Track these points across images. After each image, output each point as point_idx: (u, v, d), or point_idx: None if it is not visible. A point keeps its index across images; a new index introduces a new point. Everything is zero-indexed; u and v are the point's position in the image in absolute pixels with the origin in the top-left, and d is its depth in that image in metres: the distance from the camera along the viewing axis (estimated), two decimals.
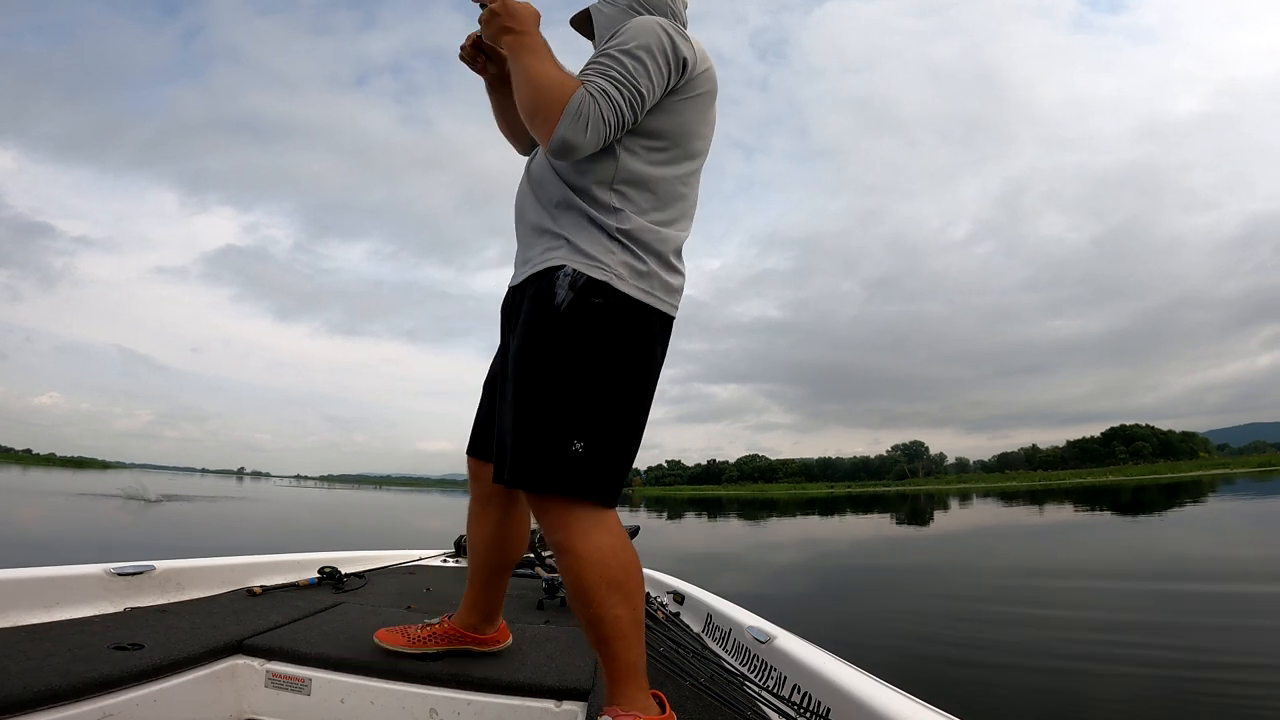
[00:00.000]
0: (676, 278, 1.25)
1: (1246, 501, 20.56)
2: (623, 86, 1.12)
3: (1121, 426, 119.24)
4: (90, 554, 6.26)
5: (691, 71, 1.20)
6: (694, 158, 1.28)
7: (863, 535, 14.62)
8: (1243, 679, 3.43)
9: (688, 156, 1.26)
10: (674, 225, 1.25)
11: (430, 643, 1.48)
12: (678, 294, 1.26)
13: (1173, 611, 5.13)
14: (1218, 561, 7.98)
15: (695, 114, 1.24)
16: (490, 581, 1.51)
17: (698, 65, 1.22)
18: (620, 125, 1.14)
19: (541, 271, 1.18)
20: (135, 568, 1.82)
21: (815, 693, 1.27)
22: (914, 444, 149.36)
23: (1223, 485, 34.36)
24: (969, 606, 5.78)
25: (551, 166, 1.23)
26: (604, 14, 1.30)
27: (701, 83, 1.23)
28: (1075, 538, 12.32)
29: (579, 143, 1.10)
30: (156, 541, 10.13)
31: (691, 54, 1.20)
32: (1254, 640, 4.18)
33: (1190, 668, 3.59)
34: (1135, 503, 22.85)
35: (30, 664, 1.18)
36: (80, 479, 42.88)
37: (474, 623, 1.51)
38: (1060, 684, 3.50)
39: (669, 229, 1.23)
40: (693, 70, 1.20)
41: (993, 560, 9.15)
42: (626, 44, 1.14)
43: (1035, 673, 3.74)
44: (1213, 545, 9.88)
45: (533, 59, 1.17)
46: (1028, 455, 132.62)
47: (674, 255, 1.25)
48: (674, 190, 1.24)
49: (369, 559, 2.77)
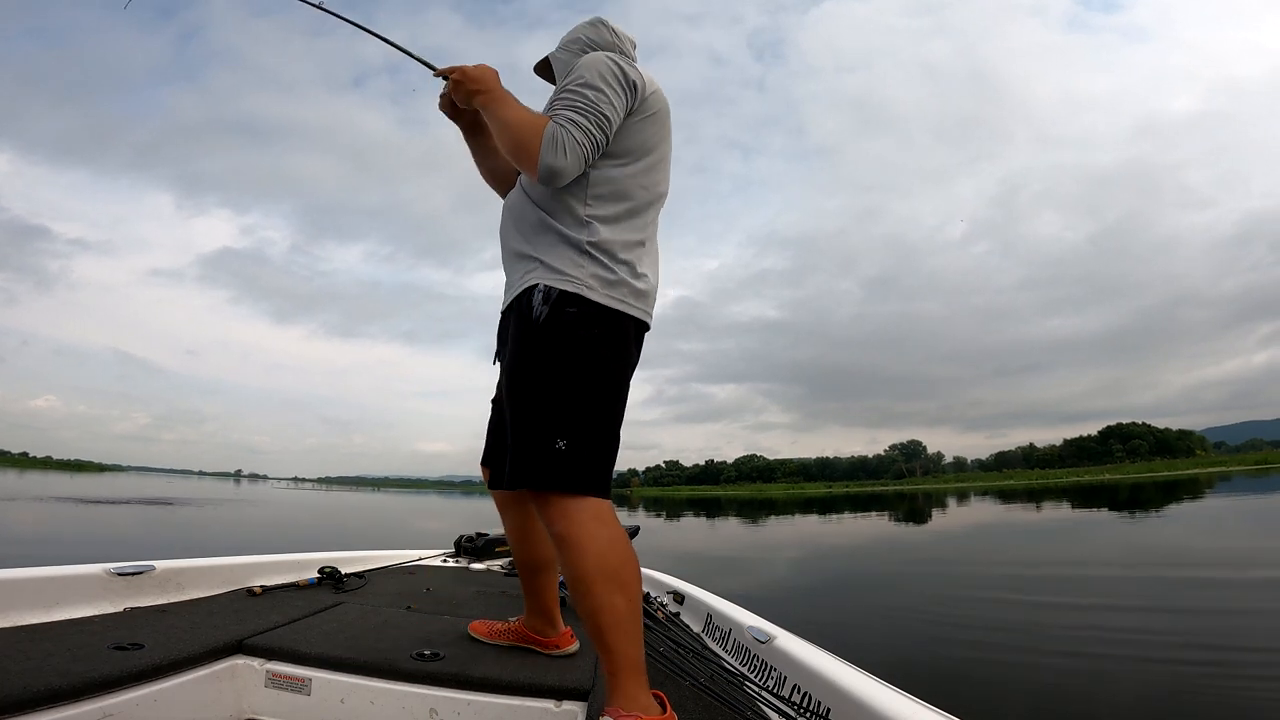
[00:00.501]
0: (645, 283, 1.37)
1: (1239, 499, 20.60)
2: (587, 113, 1.28)
3: (1118, 425, 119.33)
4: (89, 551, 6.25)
5: (643, 93, 1.37)
6: (657, 168, 1.43)
7: (862, 535, 14.63)
8: (1239, 670, 3.45)
9: (652, 168, 1.41)
10: (643, 235, 1.40)
11: (503, 637, 1.67)
12: (647, 298, 1.39)
13: (1170, 607, 5.16)
14: (1212, 554, 8.02)
15: (654, 130, 1.41)
16: (531, 582, 1.67)
17: (647, 88, 1.38)
18: (595, 147, 1.29)
19: (522, 292, 1.32)
20: (135, 568, 1.82)
21: (815, 693, 1.27)
22: (912, 443, 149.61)
23: (1220, 483, 34.46)
24: (968, 605, 5.78)
25: (527, 195, 1.40)
26: (560, 59, 1.51)
27: (654, 103, 1.40)
28: (1072, 535, 12.34)
29: (562, 166, 1.25)
30: (156, 539, 10.11)
31: (640, 78, 1.37)
32: (1249, 629, 4.25)
33: (1189, 663, 3.61)
34: (1132, 500, 22.92)
35: (30, 664, 1.18)
36: (78, 483, 42.71)
37: (537, 625, 1.66)
38: (1060, 682, 3.51)
39: (637, 239, 1.37)
40: (644, 92, 1.37)
41: (990, 558, 9.16)
42: (582, 78, 1.32)
43: (1035, 670, 3.75)
44: (1208, 540, 9.93)
45: (504, 109, 1.35)
46: (1025, 454, 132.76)
47: (642, 263, 1.38)
48: (641, 199, 1.39)
49: (369, 559, 2.77)
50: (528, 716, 1.33)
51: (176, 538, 10.89)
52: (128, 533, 11.43)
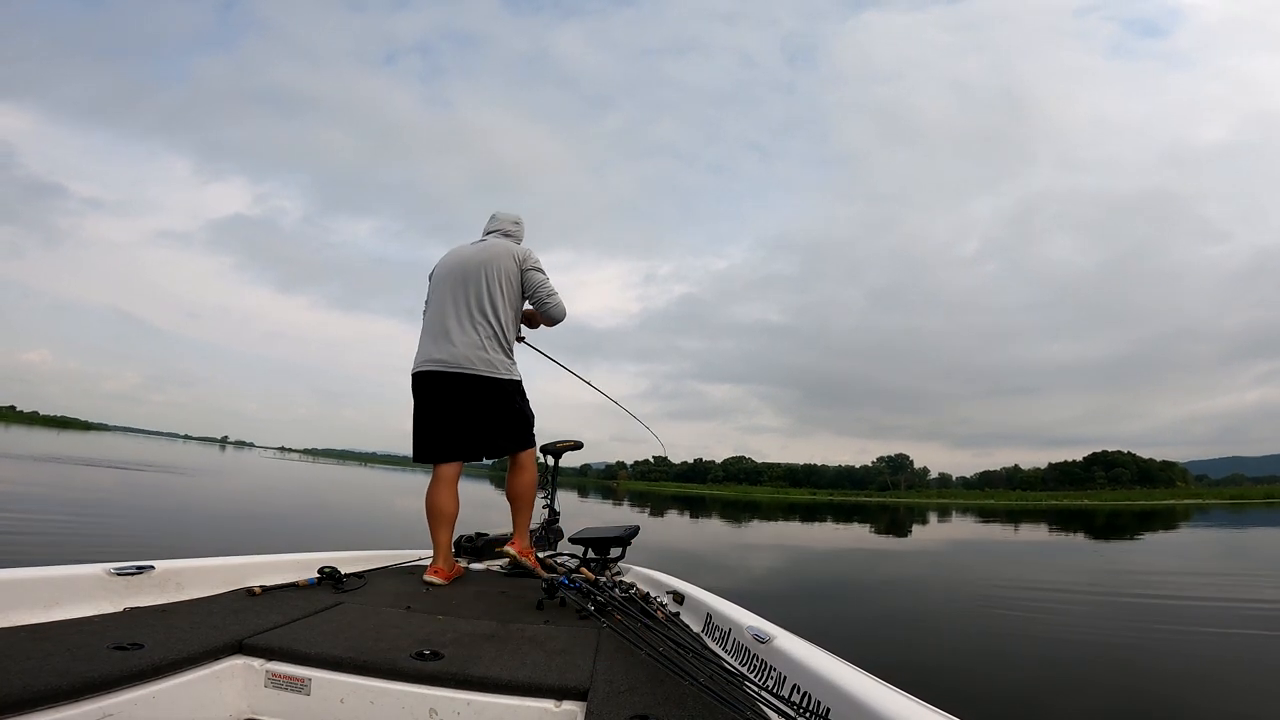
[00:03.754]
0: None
1: (1203, 531, 20.97)
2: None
3: (1104, 452, 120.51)
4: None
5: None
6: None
7: (844, 542, 14.74)
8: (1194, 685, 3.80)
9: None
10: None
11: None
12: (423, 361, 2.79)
13: (1135, 621, 5.56)
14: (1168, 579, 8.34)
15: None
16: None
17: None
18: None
19: None
20: (135, 567, 1.80)
21: (815, 693, 1.26)
22: (899, 456, 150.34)
23: (1197, 515, 34.94)
24: (956, 613, 5.98)
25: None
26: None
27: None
28: (1044, 555, 12.63)
29: None
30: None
31: None
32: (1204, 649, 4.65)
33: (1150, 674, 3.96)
34: (1107, 526, 23.26)
35: (30, 664, 1.16)
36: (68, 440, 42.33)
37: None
38: (1054, 686, 3.72)
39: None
40: None
41: (969, 571, 9.32)
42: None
43: (1031, 672, 3.97)
44: (1169, 564, 10.19)
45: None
46: (1009, 474, 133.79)
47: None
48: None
49: (369, 559, 2.76)
50: (527, 716, 1.32)
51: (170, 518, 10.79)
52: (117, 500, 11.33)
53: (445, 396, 2.71)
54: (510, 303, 2.81)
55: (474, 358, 2.69)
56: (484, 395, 2.71)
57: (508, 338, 2.82)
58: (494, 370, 2.72)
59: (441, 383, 2.70)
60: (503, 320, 2.77)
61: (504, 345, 2.79)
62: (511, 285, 2.80)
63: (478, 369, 2.69)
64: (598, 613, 1.94)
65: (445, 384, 2.70)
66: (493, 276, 2.76)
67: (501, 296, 2.77)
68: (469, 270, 2.78)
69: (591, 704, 1.26)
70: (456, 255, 2.87)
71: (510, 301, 2.81)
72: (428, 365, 2.72)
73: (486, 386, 2.71)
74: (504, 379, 2.76)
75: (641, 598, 2.20)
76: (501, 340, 2.78)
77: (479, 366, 2.69)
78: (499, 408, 2.75)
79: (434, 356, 2.71)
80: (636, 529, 3.32)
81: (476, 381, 2.69)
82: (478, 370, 2.69)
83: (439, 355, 2.70)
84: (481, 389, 2.70)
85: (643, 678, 1.40)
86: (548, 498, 3.77)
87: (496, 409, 2.74)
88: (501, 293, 2.77)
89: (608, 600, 2.03)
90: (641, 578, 2.93)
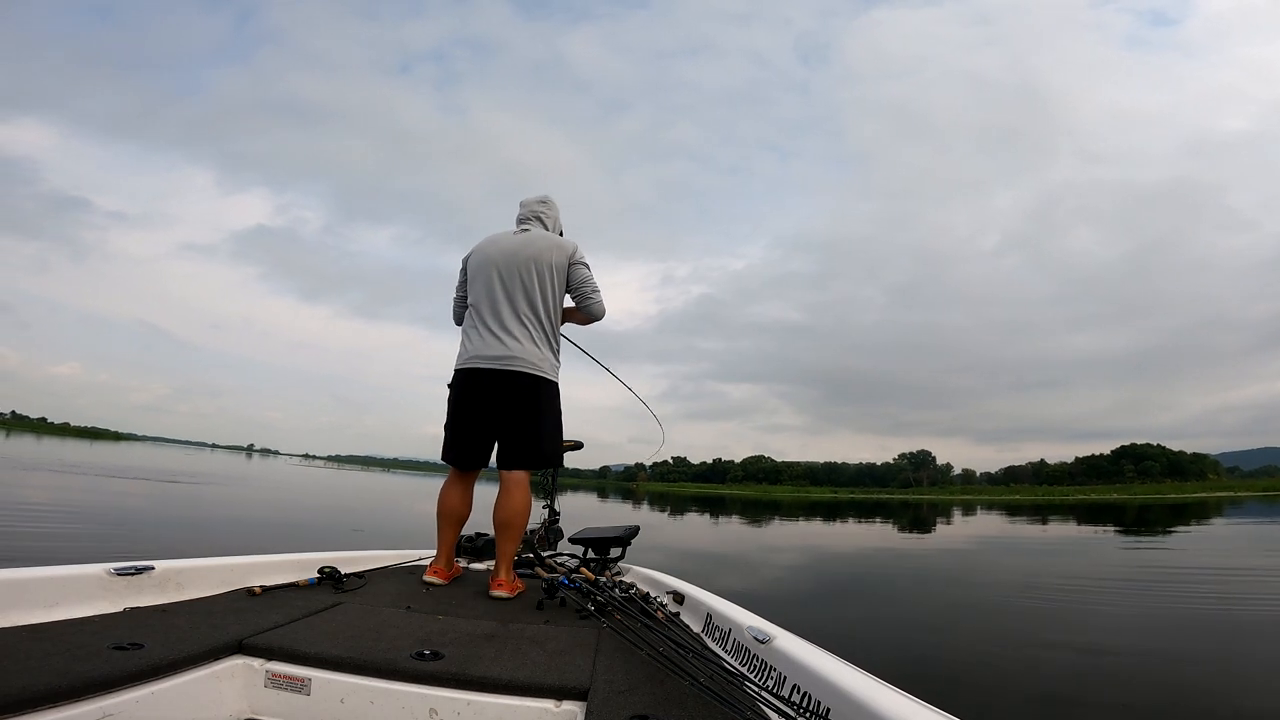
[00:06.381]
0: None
1: (1237, 525, 20.32)
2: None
3: (1132, 445, 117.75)
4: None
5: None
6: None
7: (865, 540, 14.56)
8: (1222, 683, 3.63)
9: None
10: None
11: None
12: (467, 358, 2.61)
13: (1163, 620, 5.39)
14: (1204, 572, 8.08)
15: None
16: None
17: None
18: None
19: None
20: (135, 567, 1.81)
21: (815, 693, 1.25)
22: (921, 453, 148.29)
23: (1230, 507, 33.95)
24: (969, 610, 5.86)
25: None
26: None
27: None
28: (1070, 551, 12.33)
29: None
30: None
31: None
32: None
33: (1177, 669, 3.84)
34: (1139, 521, 22.68)
35: (30, 664, 1.17)
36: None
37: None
38: (1058, 686, 3.58)
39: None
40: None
41: (989, 570, 9.13)
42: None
43: (1033, 674, 3.85)
44: (1204, 559, 9.88)
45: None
46: (1035, 469, 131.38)
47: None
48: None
49: (369, 559, 2.76)
50: (527, 716, 1.32)
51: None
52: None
53: (491, 395, 2.51)
54: (558, 299, 2.65)
55: (527, 355, 2.52)
56: (533, 395, 2.54)
57: (556, 336, 2.66)
58: (542, 370, 2.56)
59: (489, 380, 2.52)
60: (553, 317, 2.62)
61: (552, 344, 2.64)
62: (560, 280, 2.63)
63: (533, 368, 2.53)
64: (598, 613, 1.94)
65: (492, 381, 2.51)
66: (544, 271, 2.58)
67: (551, 292, 2.60)
68: (519, 262, 2.59)
69: (591, 704, 1.26)
70: (499, 245, 2.66)
71: (558, 297, 2.65)
72: (475, 362, 2.55)
73: (537, 387, 2.55)
74: (551, 380, 2.61)
75: (641, 598, 2.20)
76: (551, 338, 2.62)
77: (533, 365, 2.53)
78: (545, 410, 2.57)
79: (483, 353, 2.53)
80: (636, 529, 3.30)
81: (527, 380, 2.52)
82: (530, 370, 2.53)
83: (489, 352, 2.52)
84: (531, 389, 2.53)
85: (643, 678, 1.40)
86: (548, 498, 3.75)
87: (542, 411, 2.56)
88: (551, 288, 2.60)
89: (608, 600, 2.03)
90: (641, 578, 2.92)
